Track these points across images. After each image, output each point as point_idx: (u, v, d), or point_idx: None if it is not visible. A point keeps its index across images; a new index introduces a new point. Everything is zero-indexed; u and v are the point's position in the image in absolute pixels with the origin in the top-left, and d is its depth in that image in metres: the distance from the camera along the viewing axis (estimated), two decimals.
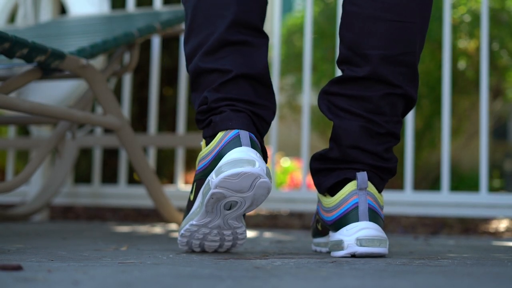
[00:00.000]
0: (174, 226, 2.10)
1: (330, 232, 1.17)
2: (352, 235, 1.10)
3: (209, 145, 1.11)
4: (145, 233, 1.82)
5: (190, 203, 1.16)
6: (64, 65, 1.47)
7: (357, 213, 1.11)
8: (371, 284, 0.78)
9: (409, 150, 2.14)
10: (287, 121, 4.79)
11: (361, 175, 1.13)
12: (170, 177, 2.97)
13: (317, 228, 1.27)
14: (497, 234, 2.18)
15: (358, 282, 0.79)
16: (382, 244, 1.10)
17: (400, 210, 2.13)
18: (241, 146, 1.07)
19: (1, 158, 3.61)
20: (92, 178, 2.53)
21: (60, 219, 2.52)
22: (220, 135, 1.10)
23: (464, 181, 4.65)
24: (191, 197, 1.16)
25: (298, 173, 5.04)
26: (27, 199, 2.36)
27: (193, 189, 1.15)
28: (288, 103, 4.76)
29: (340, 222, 1.13)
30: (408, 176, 2.13)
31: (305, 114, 2.24)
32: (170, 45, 2.81)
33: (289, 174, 5.24)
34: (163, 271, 0.87)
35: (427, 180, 4.14)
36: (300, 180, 2.28)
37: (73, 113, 1.55)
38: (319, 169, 1.21)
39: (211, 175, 1.07)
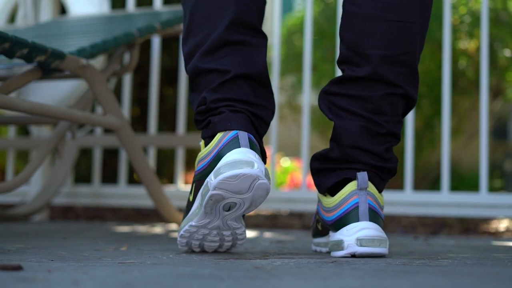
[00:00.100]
0: (174, 226, 2.10)
1: (330, 232, 1.17)
2: (352, 235, 1.10)
3: (208, 146, 1.11)
4: (145, 233, 1.82)
5: (190, 204, 1.16)
6: (64, 65, 1.47)
7: (357, 213, 1.11)
8: (371, 284, 0.78)
9: (409, 150, 2.14)
10: (287, 121, 4.79)
11: (362, 175, 1.13)
12: (170, 177, 2.97)
13: (317, 228, 1.27)
14: (497, 234, 2.18)
15: (358, 282, 0.79)
16: (382, 244, 1.10)
17: (400, 210, 2.13)
18: (240, 147, 1.07)
19: (1, 158, 3.61)
20: (92, 178, 2.53)
21: (60, 219, 2.52)
22: (219, 136, 1.10)
23: (464, 181, 4.65)
24: (190, 198, 1.16)
25: (298, 173, 5.04)
26: (27, 199, 2.36)
27: (192, 189, 1.15)
28: (288, 103, 4.76)
29: (340, 222, 1.13)
30: (408, 176, 2.13)
31: (305, 114, 2.24)
32: (170, 45, 2.81)
33: (289, 174, 5.24)
34: (163, 271, 0.87)
35: (427, 180, 4.15)
36: (300, 180, 2.28)
37: (73, 113, 1.55)
38: (319, 169, 1.21)
39: (209, 176, 1.07)
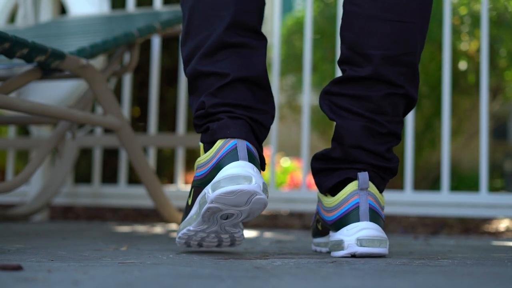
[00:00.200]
0: (174, 226, 2.10)
1: (331, 232, 1.17)
2: (352, 235, 1.10)
3: (207, 152, 1.10)
4: (145, 233, 1.82)
5: (188, 207, 1.16)
6: (64, 65, 1.47)
7: (357, 213, 1.11)
8: (371, 284, 0.78)
9: (409, 150, 2.14)
10: (287, 121, 4.80)
11: (363, 175, 1.13)
12: (170, 177, 2.97)
13: (317, 228, 1.27)
14: (497, 234, 2.18)
15: (358, 282, 0.79)
16: (382, 245, 1.10)
17: (400, 210, 2.13)
18: (238, 160, 1.06)
19: (1, 158, 3.61)
20: (92, 178, 2.53)
21: (60, 219, 2.52)
22: (218, 144, 1.08)
23: (464, 181, 4.65)
24: (189, 202, 1.16)
25: (298, 173, 5.04)
26: (27, 199, 2.36)
27: (191, 194, 1.15)
28: (288, 103, 4.76)
29: (341, 222, 1.13)
30: (408, 176, 2.13)
31: (305, 114, 2.24)
32: (170, 45, 2.81)
33: (289, 174, 5.24)
34: (163, 271, 0.87)
35: (427, 180, 4.15)
36: (300, 180, 2.28)
37: (73, 113, 1.55)
38: (320, 169, 1.21)
39: (207, 188, 1.06)
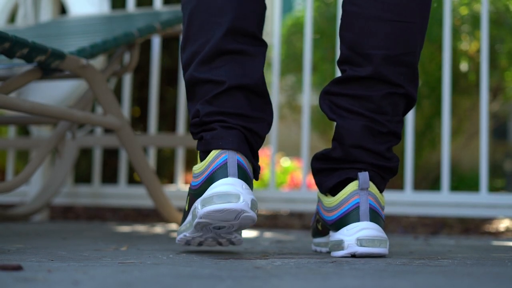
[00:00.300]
0: (174, 226, 2.10)
1: (331, 232, 1.17)
2: (352, 235, 1.10)
3: (202, 162, 1.10)
4: (145, 233, 1.82)
5: (186, 213, 1.18)
6: (64, 65, 1.47)
7: (358, 213, 1.11)
8: (371, 284, 0.78)
9: (409, 150, 2.14)
10: (287, 121, 4.79)
11: (363, 175, 1.13)
12: (170, 177, 2.97)
13: (317, 228, 1.27)
14: (497, 234, 2.18)
15: (358, 282, 0.79)
16: (382, 245, 1.10)
17: (400, 210, 2.13)
18: (227, 177, 1.06)
19: (1, 158, 3.61)
20: (92, 178, 2.53)
21: (60, 219, 2.52)
22: (211, 155, 1.08)
23: (464, 181, 4.65)
24: (186, 207, 1.18)
25: (298, 173, 5.04)
26: (27, 199, 2.36)
27: (187, 200, 1.17)
28: (288, 103, 4.75)
29: (341, 222, 1.13)
30: (408, 176, 2.13)
31: (305, 114, 2.24)
32: (170, 45, 2.81)
33: (289, 174, 5.24)
34: (163, 271, 0.87)
35: (427, 180, 4.14)
36: (300, 180, 2.28)
37: (73, 113, 1.55)
38: (321, 169, 1.21)
39: (198, 202, 1.07)
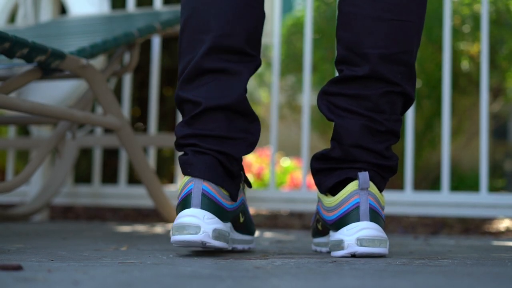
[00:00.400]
0: None
1: (331, 232, 1.17)
2: (352, 235, 1.10)
3: (179, 184, 1.12)
4: (145, 233, 1.82)
5: None
6: (64, 65, 1.47)
7: (358, 213, 1.11)
8: (371, 284, 0.78)
9: (409, 150, 2.14)
10: (287, 121, 4.79)
11: (363, 175, 1.13)
12: (170, 177, 2.97)
13: (317, 228, 1.27)
14: (497, 234, 2.18)
15: (358, 282, 0.79)
16: (382, 244, 1.10)
17: (400, 210, 2.13)
18: (190, 208, 1.08)
19: (1, 158, 3.61)
20: (92, 178, 2.53)
21: (60, 219, 2.52)
22: (183, 181, 1.11)
23: (464, 181, 4.65)
24: None
25: (298, 173, 5.04)
26: (27, 199, 2.36)
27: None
28: (288, 103, 4.75)
29: (341, 222, 1.13)
30: (408, 176, 2.13)
31: (305, 114, 2.24)
32: (170, 45, 2.81)
33: (289, 174, 5.24)
34: (163, 271, 0.87)
35: (427, 180, 4.14)
36: (300, 180, 2.28)
37: (73, 113, 1.55)
38: (320, 169, 1.21)
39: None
